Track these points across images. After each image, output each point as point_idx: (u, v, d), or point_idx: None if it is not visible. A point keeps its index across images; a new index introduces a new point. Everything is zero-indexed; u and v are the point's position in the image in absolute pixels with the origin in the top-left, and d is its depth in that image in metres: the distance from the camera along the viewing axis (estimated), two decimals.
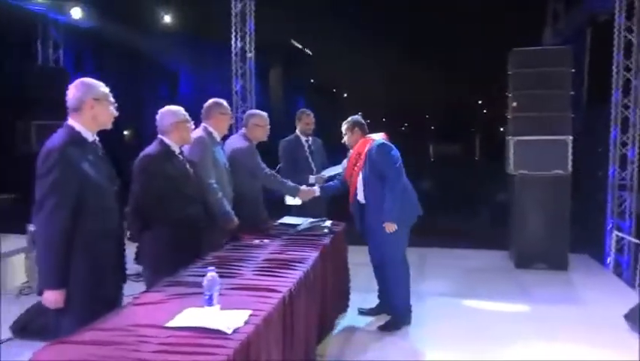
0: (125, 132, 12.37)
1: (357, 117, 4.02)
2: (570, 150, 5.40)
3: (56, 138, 2.27)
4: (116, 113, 2.44)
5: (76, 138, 2.31)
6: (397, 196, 3.69)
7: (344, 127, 4.01)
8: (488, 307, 4.42)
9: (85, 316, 2.10)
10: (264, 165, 3.88)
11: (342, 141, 4.04)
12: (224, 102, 3.70)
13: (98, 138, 2.43)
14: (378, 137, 3.91)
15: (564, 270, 5.38)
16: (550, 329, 3.91)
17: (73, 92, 2.35)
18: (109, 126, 2.45)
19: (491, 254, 6.15)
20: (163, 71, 13.10)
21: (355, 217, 3.98)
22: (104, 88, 2.42)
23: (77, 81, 2.39)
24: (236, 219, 3.44)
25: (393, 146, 3.84)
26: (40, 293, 2.27)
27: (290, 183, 4.01)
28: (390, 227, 3.71)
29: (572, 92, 5.50)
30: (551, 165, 5.43)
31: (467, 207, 9.99)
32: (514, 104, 5.53)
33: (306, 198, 4.06)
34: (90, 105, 2.34)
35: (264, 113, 4.03)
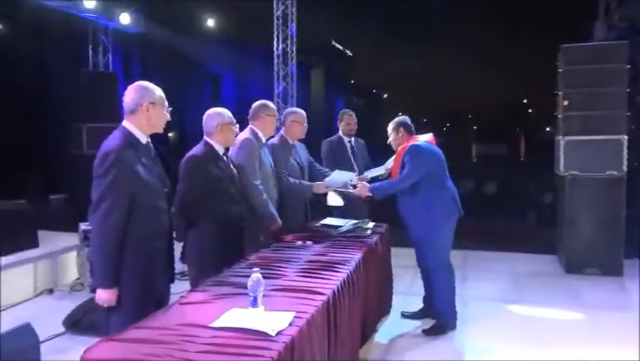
0: (170, 134, 12.72)
1: (403, 118, 3.92)
2: (625, 150, 5.14)
3: (113, 140, 2.32)
4: (169, 118, 2.49)
5: (131, 140, 2.36)
6: (395, 190, 3.69)
7: (389, 128, 3.92)
8: (537, 312, 4.25)
9: (135, 314, 2.15)
10: (285, 170, 3.79)
11: (388, 142, 3.95)
12: (271, 104, 3.70)
13: (150, 140, 2.48)
14: (425, 138, 3.80)
15: (618, 275, 5.14)
16: (603, 335, 3.73)
17: (131, 94, 2.40)
18: (161, 130, 2.49)
19: (538, 258, 5.92)
20: (206, 74, 13.38)
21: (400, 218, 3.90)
22: (160, 92, 2.46)
23: (136, 84, 2.44)
24: (279, 221, 3.45)
25: (427, 149, 3.70)
26: (93, 291, 2.34)
27: (303, 183, 3.87)
28: (364, 191, 3.73)
29: (628, 90, 5.24)
30: (605, 165, 5.18)
31: (512, 208, 9.68)
32: (566, 102, 5.30)
33: (363, 194, 3.88)
34: (146, 108, 2.38)
35: (302, 111, 4.01)
